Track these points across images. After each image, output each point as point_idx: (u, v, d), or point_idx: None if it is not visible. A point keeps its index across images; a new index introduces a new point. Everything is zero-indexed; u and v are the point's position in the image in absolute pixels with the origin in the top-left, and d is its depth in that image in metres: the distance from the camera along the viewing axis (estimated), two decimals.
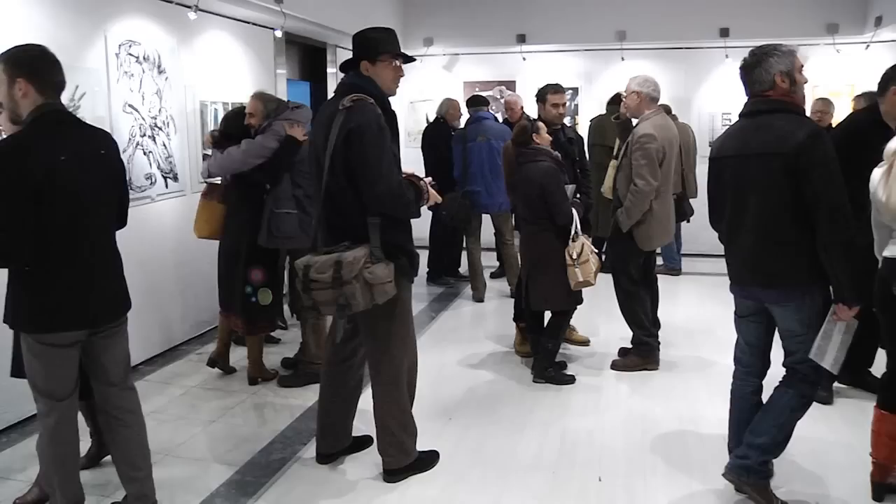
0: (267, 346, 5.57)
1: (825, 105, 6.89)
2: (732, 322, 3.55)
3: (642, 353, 5.15)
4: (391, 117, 3.47)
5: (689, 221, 5.44)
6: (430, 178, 3.64)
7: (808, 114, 3.38)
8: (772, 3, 8.64)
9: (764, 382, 3.47)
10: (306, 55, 8.64)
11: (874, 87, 4.41)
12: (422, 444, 3.84)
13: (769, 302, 3.24)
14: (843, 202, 3.00)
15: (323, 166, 3.33)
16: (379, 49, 3.50)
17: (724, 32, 8.78)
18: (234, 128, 4.89)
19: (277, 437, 4.16)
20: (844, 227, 2.99)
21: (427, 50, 9.55)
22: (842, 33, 8.58)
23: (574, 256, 4.74)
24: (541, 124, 4.97)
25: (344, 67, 3.57)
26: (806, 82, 3.26)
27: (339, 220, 3.39)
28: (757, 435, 3.29)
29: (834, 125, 5.50)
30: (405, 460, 3.68)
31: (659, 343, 5.26)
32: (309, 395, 4.73)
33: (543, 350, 4.97)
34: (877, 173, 3.22)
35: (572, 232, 4.78)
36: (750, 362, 3.45)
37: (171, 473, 3.72)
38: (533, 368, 5.04)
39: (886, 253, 3.24)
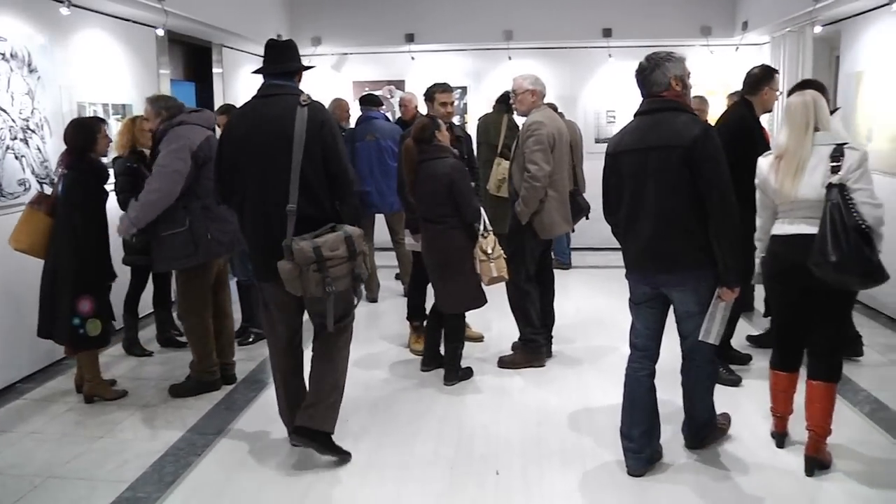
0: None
1: (701, 103, 7.21)
2: (622, 313, 3.69)
3: (529, 351, 5.22)
4: None
5: (588, 218, 5.53)
6: None
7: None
8: (651, 5, 9.02)
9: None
10: (191, 55, 8.38)
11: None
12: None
13: (669, 286, 3.50)
14: (732, 192, 3.33)
15: (282, 161, 3.53)
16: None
17: (607, 33, 9.10)
18: (73, 142, 4.59)
19: (170, 450, 4.03)
20: (733, 215, 3.32)
21: (315, 49, 9.46)
22: (714, 35, 9.05)
23: (489, 251, 4.76)
24: (441, 121, 4.99)
25: (281, 72, 3.76)
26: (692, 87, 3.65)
27: (313, 208, 3.60)
28: (697, 416, 3.80)
29: (712, 122, 5.78)
30: (329, 425, 3.82)
31: (552, 337, 5.38)
32: (202, 405, 4.61)
33: (454, 354, 4.97)
34: (764, 162, 3.65)
35: (482, 228, 4.80)
36: (646, 346, 3.67)
37: (53, 496, 3.55)
38: (437, 369, 5.08)
39: (776, 231, 3.64)
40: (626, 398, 3.72)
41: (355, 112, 7.46)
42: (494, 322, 6.09)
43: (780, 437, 3.94)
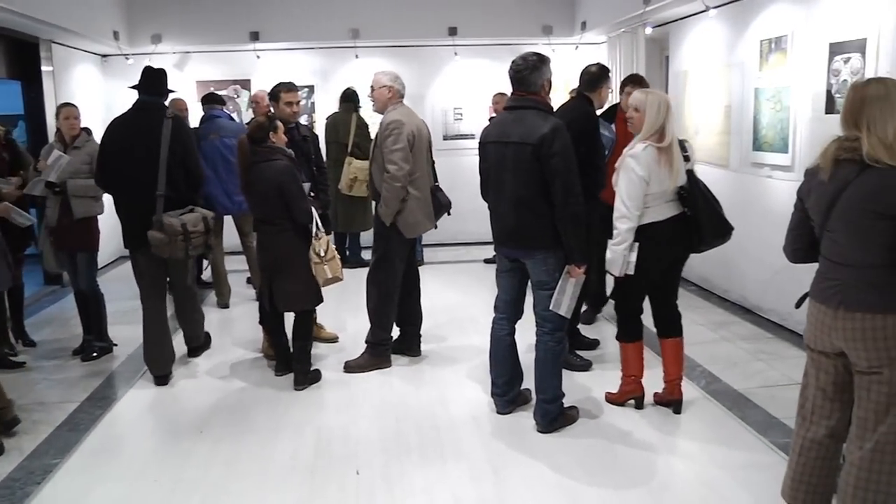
0: None
1: (503, 98, 7.63)
2: (474, 307, 3.79)
3: (377, 353, 5.19)
4: None
5: (449, 214, 5.55)
6: None
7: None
8: (495, 5, 9.25)
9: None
10: (15, 51, 7.77)
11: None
12: (173, 463, 3.78)
13: (524, 258, 4.01)
14: (575, 183, 3.80)
15: (153, 158, 4.71)
16: None
17: (453, 31, 9.25)
18: None
19: (4, 482, 3.71)
20: (575, 202, 3.80)
21: (155, 48, 9.04)
22: (555, 35, 9.39)
23: (322, 253, 4.76)
24: (279, 123, 4.90)
25: (154, 92, 4.96)
26: None
27: (175, 193, 4.80)
28: (545, 391, 4.09)
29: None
30: (200, 340, 5.51)
31: (421, 335, 5.43)
32: (41, 429, 4.31)
33: (301, 354, 4.90)
34: (648, 155, 3.90)
35: (314, 229, 4.79)
36: (506, 309, 4.24)
37: None
38: (291, 373, 4.97)
39: (656, 217, 4.00)
40: (492, 353, 4.30)
41: (196, 112, 7.25)
42: (349, 322, 6.07)
43: (641, 399, 4.37)
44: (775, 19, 5.80)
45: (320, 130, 8.14)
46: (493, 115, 8.10)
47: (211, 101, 6.97)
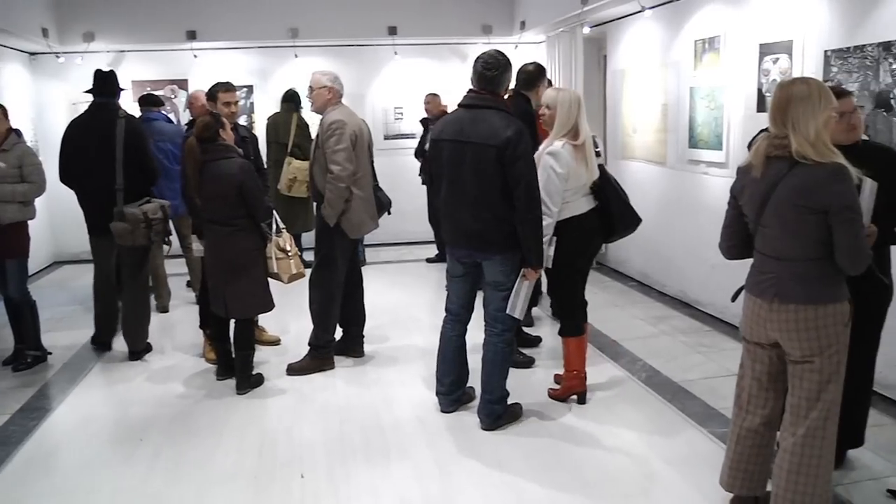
0: None
1: (434, 98, 8.21)
2: (415, 307, 3.78)
3: (320, 355, 5.14)
4: None
5: (389, 213, 5.54)
6: None
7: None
8: (435, 4, 9.26)
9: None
10: None
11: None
12: (111, 473, 3.70)
13: (480, 259, 3.99)
14: (536, 186, 3.82)
15: (110, 155, 5.14)
16: None
17: (393, 31, 9.22)
18: None
19: None
20: (537, 205, 3.81)
21: (88, 46, 8.79)
22: (495, 34, 9.43)
23: (287, 249, 4.73)
24: (225, 120, 4.81)
25: (107, 93, 5.40)
26: None
27: (134, 186, 5.22)
28: (491, 391, 4.09)
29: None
30: (143, 344, 5.54)
31: (363, 336, 5.40)
32: None
33: (245, 362, 4.81)
34: (566, 151, 4.05)
35: (274, 227, 4.74)
36: (457, 312, 4.23)
37: None
38: (233, 377, 4.89)
39: (579, 211, 4.18)
40: (440, 353, 4.28)
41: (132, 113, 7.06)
42: (292, 324, 6.01)
43: (583, 394, 4.45)
44: (708, 20, 5.94)
45: (260, 131, 8.04)
46: (427, 115, 8.16)
47: (148, 102, 6.81)
